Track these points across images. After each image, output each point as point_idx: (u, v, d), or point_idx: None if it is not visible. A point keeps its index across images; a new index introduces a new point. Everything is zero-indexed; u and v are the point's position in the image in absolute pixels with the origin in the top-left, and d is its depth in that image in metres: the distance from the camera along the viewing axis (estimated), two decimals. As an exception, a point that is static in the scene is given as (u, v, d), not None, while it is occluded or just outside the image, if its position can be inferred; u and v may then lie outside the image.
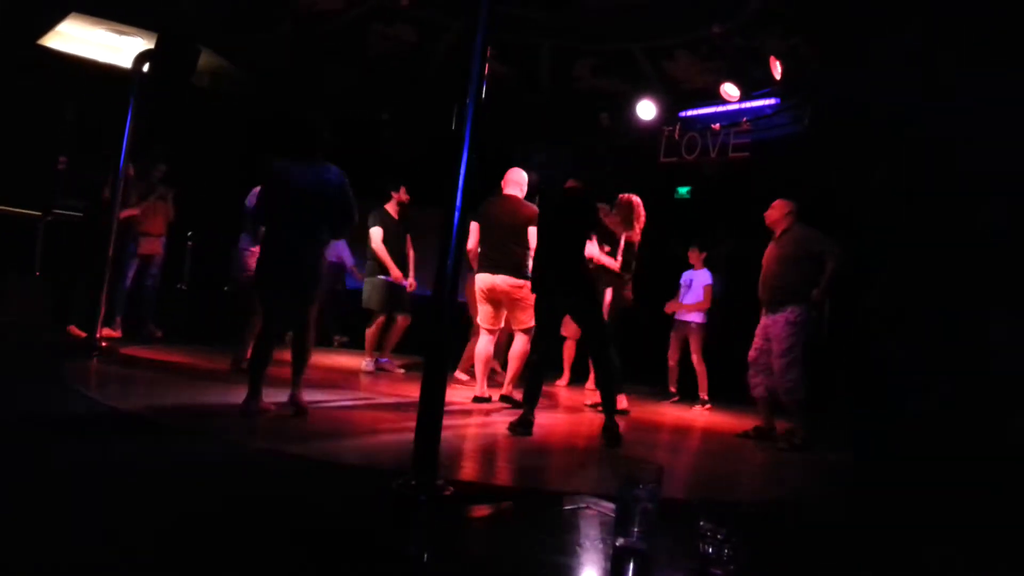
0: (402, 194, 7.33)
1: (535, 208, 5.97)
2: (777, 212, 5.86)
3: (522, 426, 4.74)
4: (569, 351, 7.84)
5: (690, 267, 7.84)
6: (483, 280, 6.00)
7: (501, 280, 5.92)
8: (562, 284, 5.04)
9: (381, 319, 7.23)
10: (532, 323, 6.00)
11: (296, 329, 4.65)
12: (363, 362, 7.24)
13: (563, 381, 8.02)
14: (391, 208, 7.30)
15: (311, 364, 4.80)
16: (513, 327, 6.12)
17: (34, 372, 5.19)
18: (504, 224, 5.92)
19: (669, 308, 7.73)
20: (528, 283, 5.92)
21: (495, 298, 6.01)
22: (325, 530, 2.53)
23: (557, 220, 5.15)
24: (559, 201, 5.27)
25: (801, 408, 5.52)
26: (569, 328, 6.92)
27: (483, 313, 6.10)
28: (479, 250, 6.06)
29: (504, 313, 6.11)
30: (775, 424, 5.78)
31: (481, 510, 3.04)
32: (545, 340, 5.18)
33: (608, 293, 6.48)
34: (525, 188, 6.19)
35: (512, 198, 6.07)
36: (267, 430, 4.23)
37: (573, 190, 5.25)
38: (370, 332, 7.23)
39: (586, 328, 5.19)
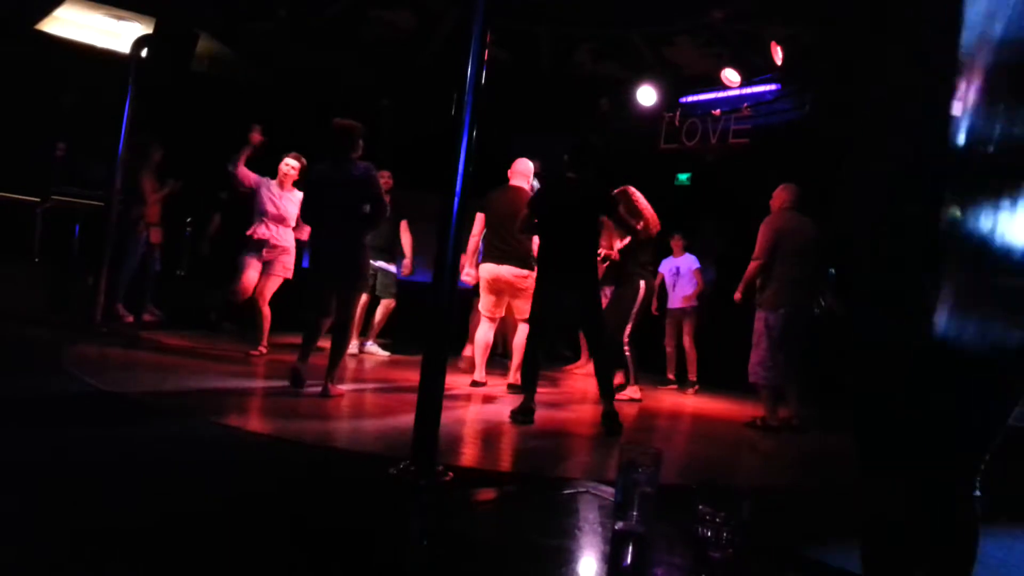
0: (385, 179, 7.34)
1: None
2: (774, 200, 5.87)
3: (523, 414, 4.75)
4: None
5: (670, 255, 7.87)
6: (488, 270, 6.03)
7: (506, 270, 5.94)
8: (568, 275, 5.01)
9: (365, 299, 7.23)
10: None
11: (338, 318, 4.86)
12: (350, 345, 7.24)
13: (579, 366, 8.05)
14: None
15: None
16: (516, 316, 6.14)
17: (36, 356, 5.19)
18: (509, 215, 5.88)
19: (656, 308, 7.78)
20: (533, 273, 5.93)
21: (499, 288, 6.03)
22: (323, 515, 2.54)
23: (564, 211, 5.06)
24: (563, 192, 5.16)
25: (765, 393, 5.65)
26: None
27: (486, 301, 6.13)
28: (485, 240, 6.08)
29: (506, 302, 6.12)
30: (790, 411, 5.79)
31: (481, 495, 3.05)
32: (544, 329, 5.16)
33: (642, 286, 6.52)
34: (531, 178, 6.18)
35: (518, 189, 6.06)
36: (265, 415, 4.25)
37: (578, 180, 5.15)
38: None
39: (587, 318, 5.16)
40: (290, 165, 6.27)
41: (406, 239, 7.41)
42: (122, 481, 2.66)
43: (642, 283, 6.45)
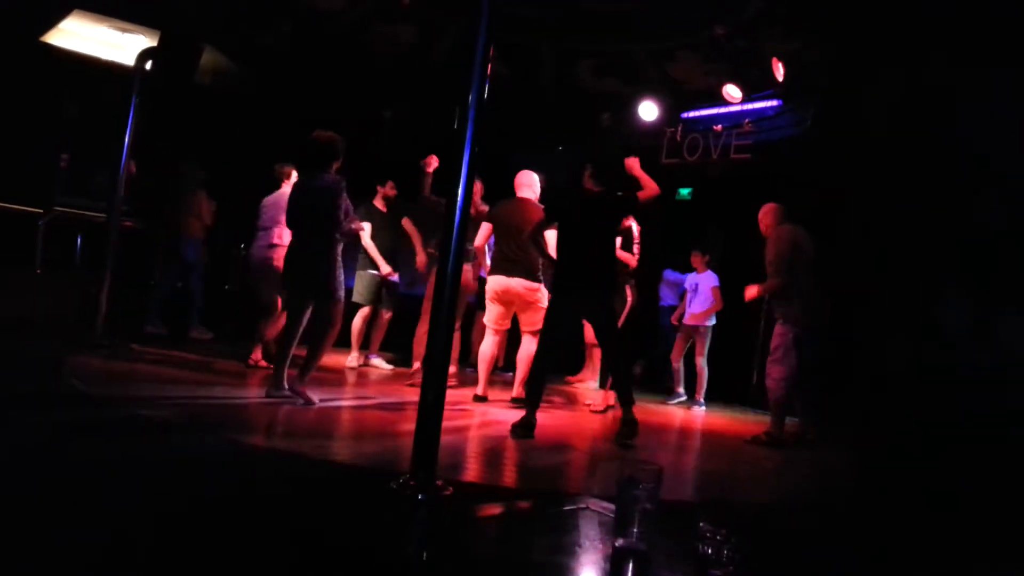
0: (388, 188, 7.37)
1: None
2: (762, 220, 5.88)
3: (523, 428, 4.74)
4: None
5: (693, 270, 7.87)
6: (498, 282, 6.00)
7: (517, 283, 5.93)
8: (589, 286, 5.03)
9: (367, 312, 7.26)
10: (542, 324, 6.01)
11: (319, 326, 4.96)
12: (348, 357, 7.25)
13: (580, 378, 8.07)
14: (378, 203, 7.33)
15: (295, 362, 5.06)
16: (524, 328, 6.11)
17: (38, 366, 5.18)
18: (519, 227, 5.88)
19: (675, 318, 7.78)
20: (542, 286, 5.94)
21: (508, 300, 6.02)
22: (323, 529, 2.53)
23: (584, 221, 5.09)
24: (586, 203, 5.18)
25: (780, 408, 5.57)
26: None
27: (492, 314, 6.11)
28: (493, 252, 6.08)
29: (512, 314, 6.11)
30: (803, 425, 5.79)
31: (480, 510, 3.04)
32: (555, 342, 5.17)
33: (629, 295, 6.52)
34: (538, 190, 6.18)
35: (527, 201, 6.06)
36: (262, 427, 4.23)
37: (598, 192, 5.18)
38: (355, 325, 7.24)
39: (603, 329, 5.16)
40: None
41: (414, 235, 7.25)
42: (121, 492, 2.65)
43: (628, 292, 6.48)
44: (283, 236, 6.16)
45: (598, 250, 5.07)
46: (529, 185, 6.15)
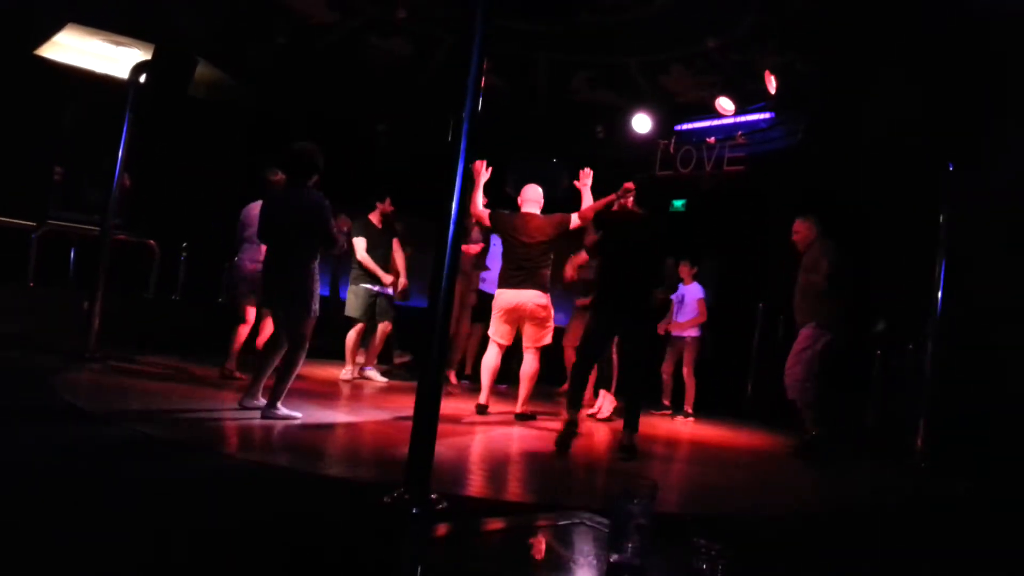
0: (386, 205, 7.34)
1: (560, 215, 5.98)
2: (799, 234, 6.04)
3: (568, 434, 4.90)
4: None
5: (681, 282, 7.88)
6: (508, 298, 5.94)
7: (527, 297, 5.88)
8: (632, 308, 5.14)
9: (361, 326, 7.23)
10: (547, 341, 6.05)
11: (288, 341, 4.82)
12: (342, 371, 7.22)
13: (565, 388, 8.06)
14: (374, 218, 7.31)
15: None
16: (527, 343, 6.03)
17: (30, 380, 5.15)
18: (530, 242, 5.89)
19: (662, 329, 7.77)
20: (549, 299, 5.95)
21: (519, 315, 5.97)
22: (316, 544, 2.51)
23: (634, 244, 5.20)
24: (634, 225, 5.30)
25: (809, 407, 5.68)
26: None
27: (499, 329, 6.04)
28: (502, 266, 6.07)
29: (516, 330, 6.08)
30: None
31: (475, 524, 3.01)
32: (597, 355, 5.39)
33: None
34: (542, 204, 6.19)
35: (534, 216, 6.05)
36: (256, 442, 4.21)
37: (645, 216, 5.33)
38: (350, 339, 7.22)
39: (637, 350, 5.26)
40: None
41: (399, 258, 7.40)
42: (114, 507, 2.63)
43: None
44: None
45: (643, 272, 5.23)
46: (535, 200, 6.17)
